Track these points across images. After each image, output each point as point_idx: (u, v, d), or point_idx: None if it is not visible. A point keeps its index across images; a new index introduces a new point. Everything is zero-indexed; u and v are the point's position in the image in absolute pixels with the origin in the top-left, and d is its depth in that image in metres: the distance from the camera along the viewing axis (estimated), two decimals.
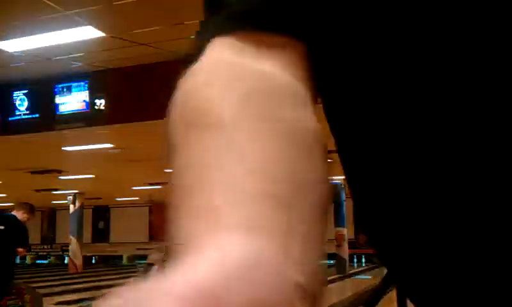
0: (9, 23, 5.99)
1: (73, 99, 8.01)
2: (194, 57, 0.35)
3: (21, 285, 7.16)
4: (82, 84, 7.97)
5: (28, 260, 23.75)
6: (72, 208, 19.07)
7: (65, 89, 8.04)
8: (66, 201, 18.97)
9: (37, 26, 6.08)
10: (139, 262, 12.16)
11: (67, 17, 5.84)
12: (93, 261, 25.45)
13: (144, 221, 25.45)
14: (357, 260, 20.88)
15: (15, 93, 8.30)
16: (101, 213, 25.79)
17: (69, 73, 7.81)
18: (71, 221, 19.23)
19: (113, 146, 9.91)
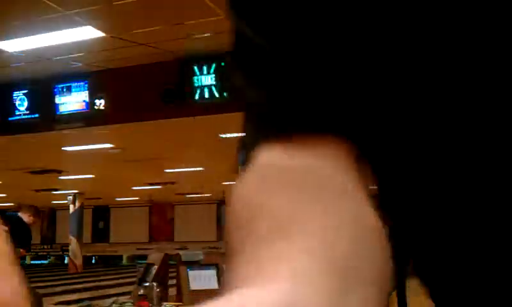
0: (9, 23, 5.98)
1: (73, 99, 8.00)
2: (242, 165, 0.35)
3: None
4: (82, 84, 7.96)
5: (28, 260, 23.73)
6: (72, 208, 19.07)
7: (65, 89, 8.04)
8: (66, 201, 18.96)
9: (37, 26, 6.07)
10: (139, 262, 12.14)
11: (67, 17, 5.83)
12: (93, 261, 25.46)
13: (144, 221, 25.47)
14: None
15: (15, 93, 8.29)
16: (101, 213, 25.77)
17: (69, 73, 7.80)
18: (71, 221, 19.22)
19: (113, 146, 9.91)
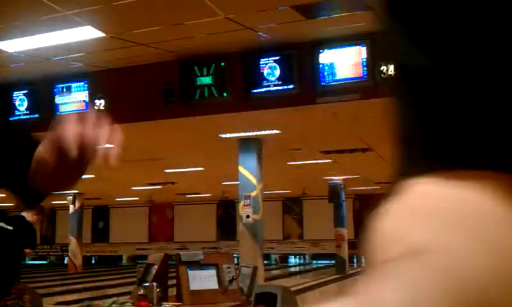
0: (9, 23, 5.99)
1: (73, 99, 8.00)
2: (388, 195, 0.34)
3: (20, 285, 7.15)
4: (81, 84, 7.96)
5: (28, 260, 23.73)
6: (72, 208, 19.08)
7: (65, 89, 8.04)
8: (66, 201, 18.97)
9: (37, 26, 6.07)
10: (139, 262, 12.14)
11: (67, 17, 5.83)
12: (93, 261, 25.47)
13: (144, 221, 25.46)
14: (357, 260, 20.88)
15: (15, 93, 8.29)
16: (101, 213, 25.77)
17: (69, 73, 7.80)
18: (71, 221, 19.23)
19: (113, 146, 9.91)
